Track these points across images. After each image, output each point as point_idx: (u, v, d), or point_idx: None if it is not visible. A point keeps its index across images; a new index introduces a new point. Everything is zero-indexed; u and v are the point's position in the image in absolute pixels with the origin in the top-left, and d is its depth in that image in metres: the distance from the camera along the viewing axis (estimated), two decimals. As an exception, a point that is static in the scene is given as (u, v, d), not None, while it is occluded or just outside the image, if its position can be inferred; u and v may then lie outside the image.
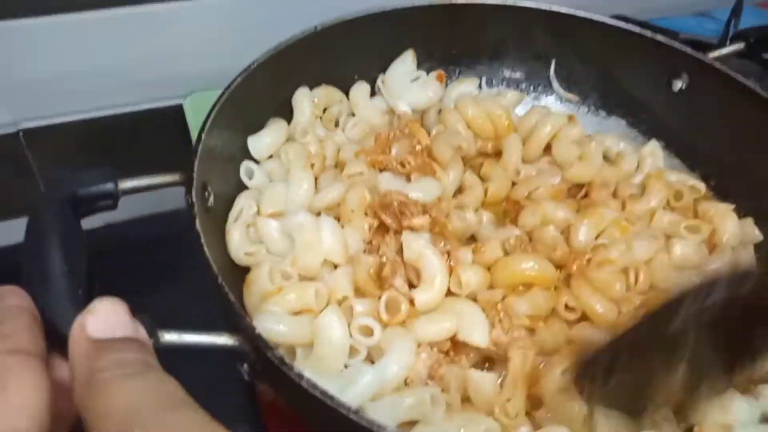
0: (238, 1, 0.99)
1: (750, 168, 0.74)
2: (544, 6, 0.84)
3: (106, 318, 0.38)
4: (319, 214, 0.65)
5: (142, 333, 0.39)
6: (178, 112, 1.02)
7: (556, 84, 0.87)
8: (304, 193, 0.66)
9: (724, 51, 0.80)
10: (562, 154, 0.75)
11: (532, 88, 0.89)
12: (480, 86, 0.89)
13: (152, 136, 1.04)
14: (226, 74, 1.02)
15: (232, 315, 0.47)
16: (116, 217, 0.64)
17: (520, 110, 0.86)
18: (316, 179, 0.69)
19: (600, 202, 0.70)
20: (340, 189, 0.66)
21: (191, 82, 1.04)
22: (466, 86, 0.85)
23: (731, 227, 0.68)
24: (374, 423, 0.41)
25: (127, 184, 0.57)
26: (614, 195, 0.73)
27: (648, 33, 0.80)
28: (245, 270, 0.65)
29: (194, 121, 0.98)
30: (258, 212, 0.66)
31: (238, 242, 0.63)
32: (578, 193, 0.74)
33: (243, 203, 0.66)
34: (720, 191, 0.77)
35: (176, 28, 1.01)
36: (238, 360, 0.49)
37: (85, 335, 0.37)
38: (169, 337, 0.45)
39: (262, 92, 0.73)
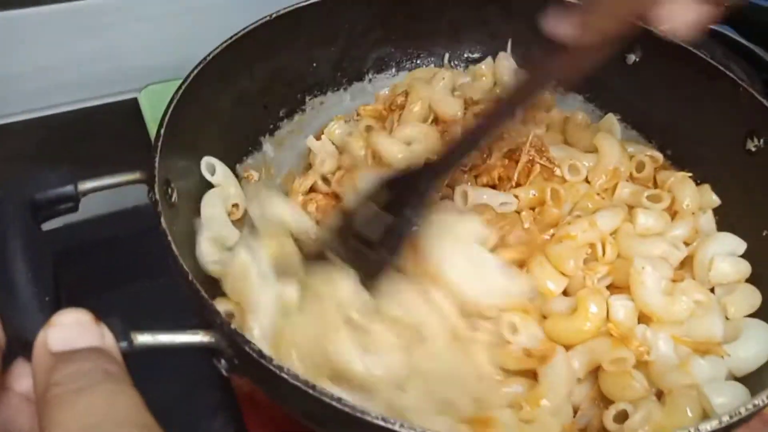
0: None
1: (704, 136, 0.77)
2: (500, -17, 0.84)
3: (68, 330, 0.37)
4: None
5: (108, 341, 0.38)
6: (133, 106, 1.00)
7: (512, 62, 0.87)
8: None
9: (675, 22, 0.81)
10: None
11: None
12: (442, 64, 0.89)
13: (108, 132, 1.02)
14: (181, 65, 1.00)
15: (206, 312, 0.47)
16: (77, 217, 0.62)
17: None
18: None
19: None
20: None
21: (145, 74, 1.02)
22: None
23: (690, 194, 0.70)
24: (358, 409, 0.41)
25: (87, 185, 0.55)
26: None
27: (601, 8, 0.81)
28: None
29: (150, 115, 0.96)
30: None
31: (206, 254, 0.61)
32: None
33: (209, 212, 0.64)
34: (677, 160, 0.79)
35: (127, 20, 0.99)
36: (215, 356, 0.48)
37: (45, 349, 0.36)
38: (143, 338, 0.44)
39: (219, 83, 0.72)
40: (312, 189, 0.74)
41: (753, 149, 0.70)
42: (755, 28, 0.78)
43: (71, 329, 0.37)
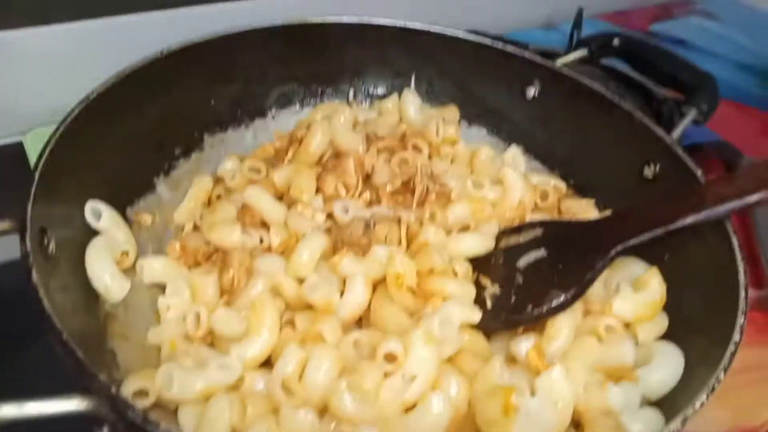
0: (80, 31, 0.92)
1: (604, 165, 0.79)
2: (399, 23, 0.85)
3: None
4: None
5: None
6: (18, 150, 0.93)
7: (416, 98, 0.87)
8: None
9: (570, 57, 0.84)
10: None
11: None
12: (347, 100, 0.88)
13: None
14: (69, 108, 0.95)
15: (83, 376, 0.41)
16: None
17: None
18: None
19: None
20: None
21: (32, 117, 0.95)
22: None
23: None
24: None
25: (-55, 237, 0.48)
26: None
27: (499, 45, 0.83)
28: (93, 323, 0.58)
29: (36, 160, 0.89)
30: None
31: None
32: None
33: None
34: (579, 189, 0.81)
35: (11, 60, 0.92)
36: (96, 423, 0.43)
37: None
38: (7, 410, 0.38)
39: (104, 123, 0.67)
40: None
41: (650, 176, 0.72)
42: (645, 62, 0.82)
43: None
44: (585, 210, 0.74)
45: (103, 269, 0.59)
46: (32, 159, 0.91)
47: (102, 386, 0.40)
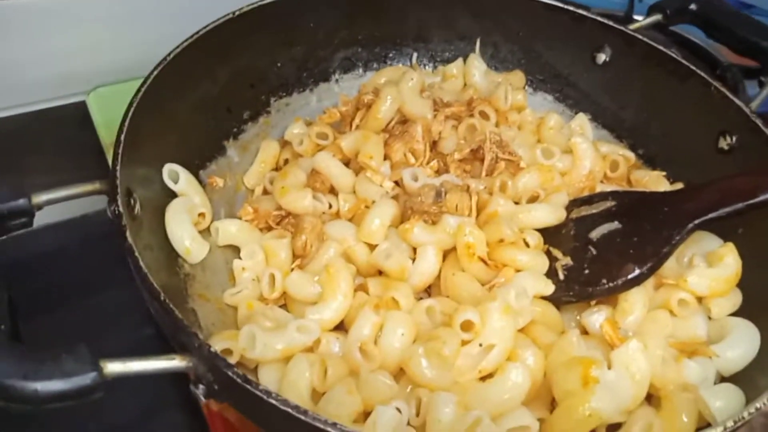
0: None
1: (675, 135, 0.77)
2: (466, -17, 0.83)
3: None
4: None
5: None
6: (81, 109, 0.95)
7: (481, 63, 0.85)
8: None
9: (644, 22, 0.82)
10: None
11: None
12: (410, 64, 0.87)
13: (56, 137, 0.97)
14: (130, 67, 0.96)
15: (182, 335, 0.43)
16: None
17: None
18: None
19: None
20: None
21: (93, 77, 0.97)
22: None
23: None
24: (356, 435, 0.38)
25: (41, 197, 0.50)
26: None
27: (570, 7, 0.81)
28: (175, 281, 0.60)
29: (100, 119, 0.91)
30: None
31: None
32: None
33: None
34: (648, 159, 0.79)
35: (73, 21, 0.93)
36: (192, 382, 0.45)
37: None
38: (114, 366, 0.40)
39: (179, 86, 0.67)
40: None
41: (726, 148, 0.70)
42: (723, 29, 0.79)
43: None
44: (656, 182, 0.72)
45: (183, 231, 0.61)
46: (95, 118, 0.93)
47: (202, 345, 0.42)
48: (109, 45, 0.97)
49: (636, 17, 1.17)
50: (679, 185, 0.73)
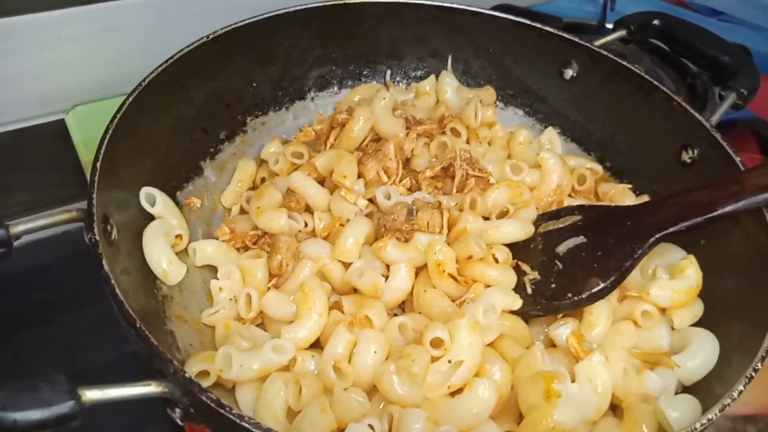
0: (118, 10, 0.93)
1: (641, 148, 0.79)
2: (436, 2, 0.85)
3: None
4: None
5: None
6: (60, 127, 0.95)
7: (453, 80, 0.87)
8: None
9: (609, 38, 0.84)
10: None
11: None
12: (384, 81, 0.89)
13: (35, 155, 0.98)
14: (110, 85, 0.97)
15: (158, 361, 0.44)
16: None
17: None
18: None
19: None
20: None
21: (72, 95, 0.97)
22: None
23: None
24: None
25: (19, 228, 0.52)
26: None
27: (537, 24, 0.83)
28: (153, 304, 0.61)
29: (79, 137, 0.93)
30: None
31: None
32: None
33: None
34: (615, 172, 0.82)
35: (51, 39, 0.94)
36: (169, 405, 0.46)
37: None
38: (92, 394, 0.42)
39: (156, 109, 0.69)
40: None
41: (688, 161, 0.73)
42: (685, 44, 0.82)
43: None
44: (622, 195, 0.75)
45: (161, 254, 0.62)
46: (74, 136, 0.94)
47: (177, 371, 0.43)
48: (87, 63, 0.98)
49: (608, 25, 1.20)
50: (645, 197, 0.76)
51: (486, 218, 0.70)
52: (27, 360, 0.74)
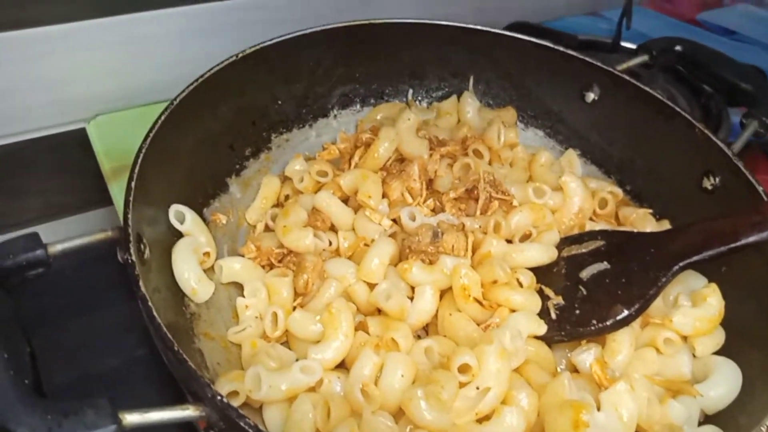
0: (138, 22, 0.94)
1: (661, 173, 0.80)
2: (458, 23, 0.86)
3: None
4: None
5: None
6: (81, 136, 0.96)
7: (474, 100, 0.88)
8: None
9: (631, 63, 0.85)
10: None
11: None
12: (406, 100, 0.90)
13: (56, 164, 0.99)
14: (130, 94, 0.98)
15: (195, 385, 0.45)
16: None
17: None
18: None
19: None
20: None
21: (93, 104, 0.98)
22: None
23: (650, 230, 0.73)
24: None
25: (57, 248, 0.52)
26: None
27: (560, 48, 0.84)
28: (182, 322, 0.62)
29: (100, 146, 0.93)
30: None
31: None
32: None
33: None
34: (635, 196, 0.83)
35: (73, 48, 0.95)
36: (204, 428, 0.47)
37: None
38: (132, 418, 0.42)
39: (185, 127, 0.70)
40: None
41: (709, 188, 0.74)
42: (707, 71, 0.82)
43: None
44: (643, 220, 0.75)
45: (190, 272, 0.63)
46: (95, 145, 0.95)
47: (214, 396, 0.44)
48: (108, 72, 0.99)
49: (624, 44, 1.21)
50: (665, 222, 0.77)
51: (509, 241, 0.71)
52: (39, 365, 0.75)
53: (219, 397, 0.44)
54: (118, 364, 0.77)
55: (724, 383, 0.59)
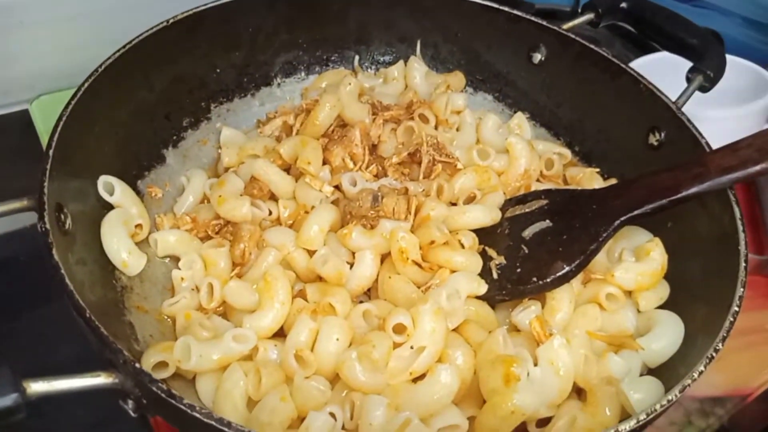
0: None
1: (609, 132, 0.79)
2: (403, -15, 0.84)
3: None
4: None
5: None
6: (24, 117, 0.94)
7: (422, 65, 0.86)
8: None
9: (576, 21, 0.83)
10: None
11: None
12: (353, 67, 0.88)
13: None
14: (76, 74, 0.95)
15: (108, 352, 0.43)
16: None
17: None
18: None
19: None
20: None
21: (36, 85, 0.95)
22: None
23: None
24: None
25: (-36, 216, 0.50)
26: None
27: (505, 8, 0.82)
28: (111, 295, 0.60)
29: (43, 127, 0.91)
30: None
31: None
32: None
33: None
34: (584, 156, 0.82)
35: (12, 26, 0.92)
36: (121, 397, 0.45)
37: None
38: (38, 386, 0.40)
39: (114, 95, 0.67)
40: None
41: (655, 144, 0.73)
42: (653, 27, 0.81)
43: None
44: (590, 179, 0.74)
45: (119, 244, 0.61)
46: (38, 126, 0.92)
47: (127, 362, 0.42)
48: (51, 51, 0.96)
49: (580, 12, 1.20)
50: (613, 181, 0.76)
51: (454, 204, 0.70)
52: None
53: (132, 362, 0.42)
54: (74, 353, 0.75)
55: (666, 336, 0.59)
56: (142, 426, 0.64)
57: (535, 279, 0.60)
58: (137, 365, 0.42)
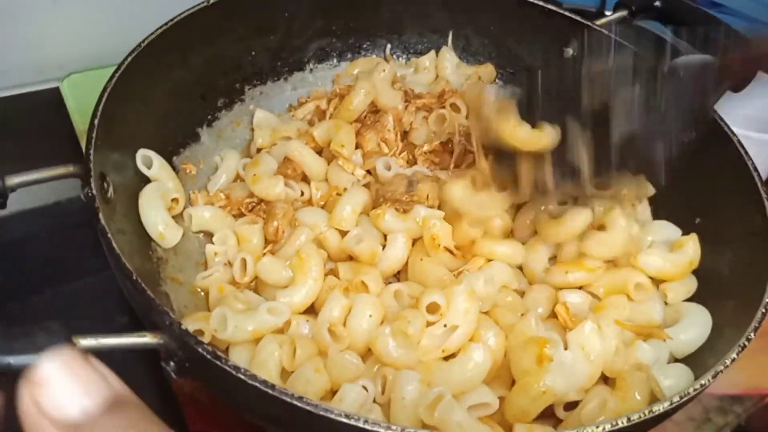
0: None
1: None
2: (439, -23, 0.84)
3: (63, 390, 0.31)
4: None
5: (111, 380, 0.33)
6: (55, 95, 0.95)
7: (453, 56, 0.87)
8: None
9: (610, 17, 0.84)
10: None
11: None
12: (384, 55, 0.89)
13: (29, 123, 0.97)
14: (105, 54, 0.96)
15: (154, 313, 0.44)
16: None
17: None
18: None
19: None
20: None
21: (67, 63, 0.97)
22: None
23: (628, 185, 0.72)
24: (320, 407, 0.40)
25: (15, 179, 0.51)
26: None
27: (539, 2, 0.83)
28: (148, 265, 0.61)
29: (74, 105, 0.92)
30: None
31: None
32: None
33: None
34: (613, 152, 0.82)
35: (45, 5, 0.93)
36: (164, 359, 0.46)
37: (47, 422, 0.30)
38: (86, 342, 0.41)
39: (153, 72, 0.68)
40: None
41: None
42: (685, 26, 0.82)
43: (65, 388, 0.31)
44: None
45: (157, 216, 0.62)
46: (69, 104, 0.93)
47: (173, 323, 0.43)
48: (83, 31, 0.97)
49: (608, 13, 1.20)
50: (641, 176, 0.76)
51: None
52: (19, 325, 0.74)
53: (178, 324, 0.43)
54: (101, 330, 0.76)
55: (694, 327, 0.59)
56: (166, 396, 0.65)
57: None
58: (183, 327, 0.43)
